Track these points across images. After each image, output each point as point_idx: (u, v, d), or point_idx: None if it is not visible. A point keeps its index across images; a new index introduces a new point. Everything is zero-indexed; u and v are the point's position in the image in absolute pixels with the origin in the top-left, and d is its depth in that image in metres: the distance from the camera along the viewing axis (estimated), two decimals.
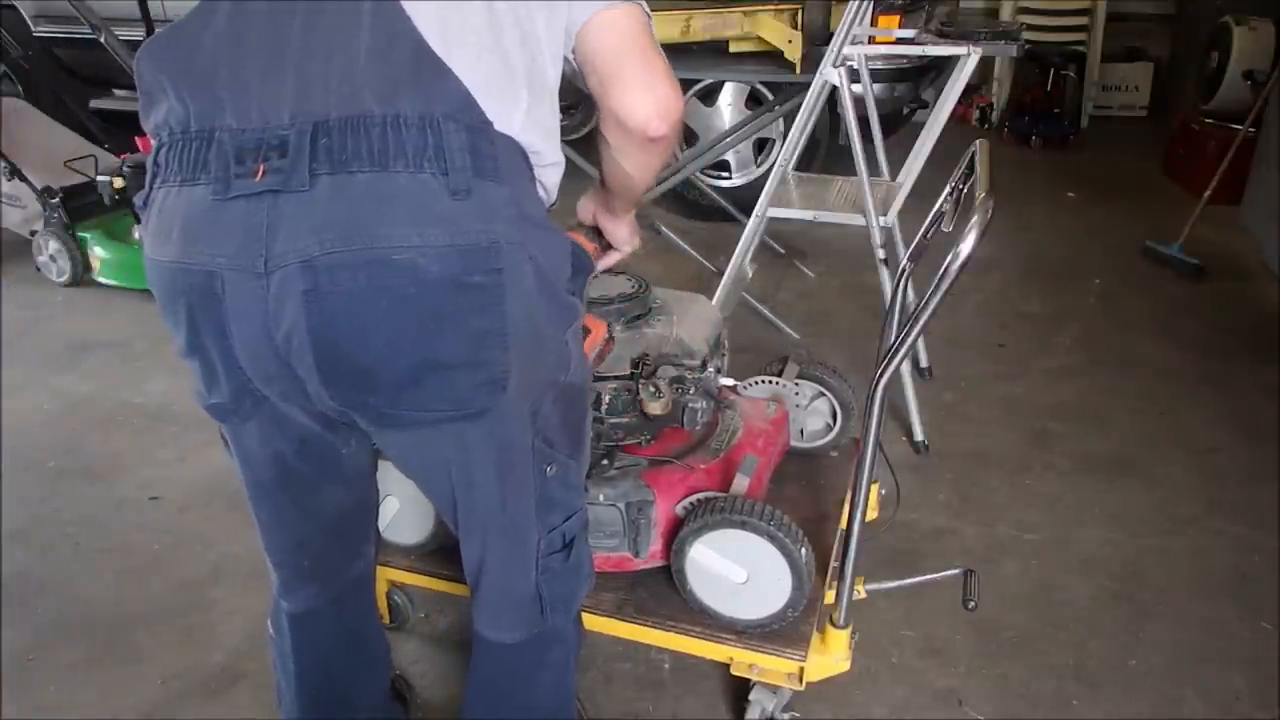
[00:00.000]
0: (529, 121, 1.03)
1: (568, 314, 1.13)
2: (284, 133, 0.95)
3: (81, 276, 3.72)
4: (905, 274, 1.61)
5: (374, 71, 0.95)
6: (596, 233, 1.45)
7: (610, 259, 1.47)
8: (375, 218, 0.94)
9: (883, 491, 2.09)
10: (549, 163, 1.08)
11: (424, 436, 1.10)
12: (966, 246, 1.16)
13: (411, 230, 0.95)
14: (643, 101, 1.06)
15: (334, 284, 0.95)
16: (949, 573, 1.65)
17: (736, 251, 2.76)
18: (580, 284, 1.19)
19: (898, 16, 2.71)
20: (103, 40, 3.08)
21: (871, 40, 2.67)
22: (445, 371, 1.02)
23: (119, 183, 3.37)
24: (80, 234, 3.68)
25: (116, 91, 5.05)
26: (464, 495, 1.18)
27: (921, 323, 1.25)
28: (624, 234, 1.43)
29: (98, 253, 3.67)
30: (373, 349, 0.99)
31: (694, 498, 1.61)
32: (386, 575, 1.82)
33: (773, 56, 3.33)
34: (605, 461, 1.63)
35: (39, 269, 3.78)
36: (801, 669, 1.54)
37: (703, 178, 3.94)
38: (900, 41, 2.64)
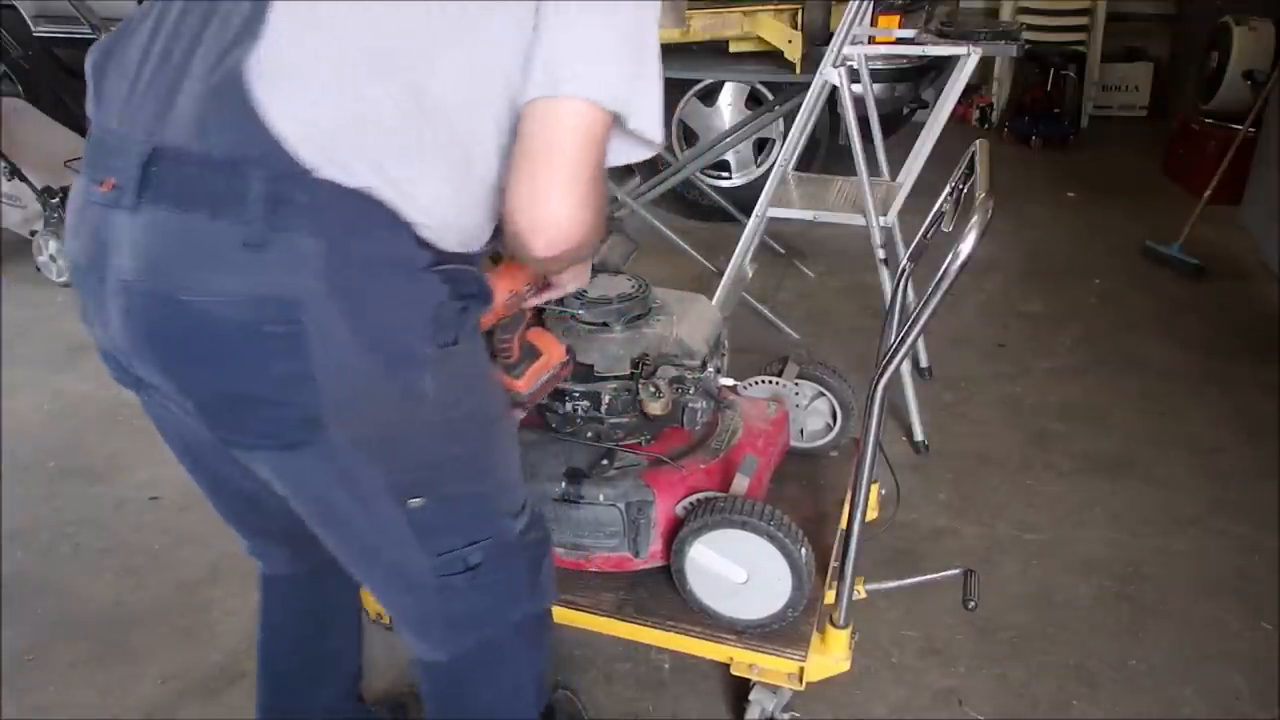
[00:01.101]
0: (404, 177, 0.93)
1: (413, 359, 1.00)
2: (132, 149, 0.94)
3: None
4: (905, 274, 1.62)
5: (212, 101, 0.91)
6: None
7: (546, 294, 1.37)
8: (175, 259, 0.93)
9: (883, 491, 2.09)
10: (436, 224, 0.97)
11: (254, 459, 1.08)
12: (966, 246, 1.16)
13: (206, 276, 0.92)
14: (527, 217, 0.93)
15: (143, 309, 0.95)
16: (949, 573, 1.65)
17: (736, 251, 2.76)
18: (463, 317, 1.04)
19: (898, 16, 2.71)
20: None
21: (871, 40, 2.67)
22: (251, 406, 0.99)
23: None
24: None
25: None
26: (309, 520, 1.15)
27: (921, 323, 1.25)
28: (564, 275, 1.33)
29: None
30: (180, 375, 0.99)
31: (694, 498, 1.61)
32: None
33: (773, 56, 3.33)
34: (605, 461, 1.63)
35: (39, 269, 3.78)
36: (801, 669, 1.54)
37: (703, 178, 3.94)
38: (900, 41, 2.64)
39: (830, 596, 1.59)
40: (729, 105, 4.13)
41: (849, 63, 2.55)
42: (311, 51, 0.91)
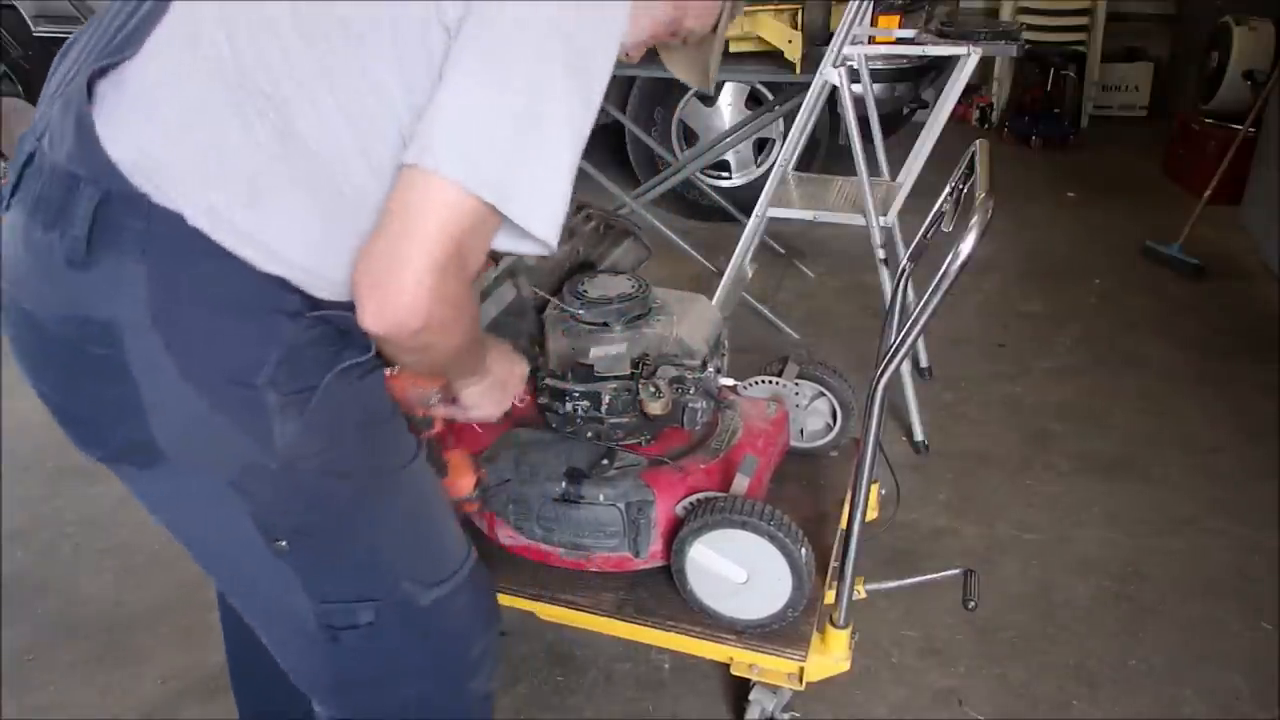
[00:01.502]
0: (246, 219, 0.87)
1: (251, 404, 0.92)
2: (24, 148, 0.93)
3: None
4: (905, 274, 1.62)
5: (65, 109, 0.89)
6: None
7: (453, 411, 1.25)
8: (22, 266, 0.92)
9: (883, 491, 2.09)
10: (296, 272, 0.91)
11: (119, 475, 1.04)
12: (966, 246, 1.16)
13: (40, 288, 0.91)
14: (369, 279, 0.85)
15: (9, 313, 0.96)
16: (949, 573, 1.65)
17: (736, 251, 2.76)
18: (330, 366, 0.95)
19: (898, 16, 2.71)
20: None
21: (871, 40, 2.67)
22: (93, 425, 0.98)
23: None
24: None
25: None
26: (183, 543, 1.11)
27: (921, 323, 1.25)
28: (468, 398, 1.20)
29: None
30: (36, 385, 1.00)
31: (694, 498, 1.61)
32: None
33: (773, 56, 3.33)
34: (605, 461, 1.63)
35: None
36: (801, 669, 1.54)
37: (703, 178, 3.95)
38: (900, 41, 2.65)
39: (830, 596, 1.59)
40: (729, 105, 4.14)
41: (849, 63, 2.55)
42: (176, 75, 0.87)
